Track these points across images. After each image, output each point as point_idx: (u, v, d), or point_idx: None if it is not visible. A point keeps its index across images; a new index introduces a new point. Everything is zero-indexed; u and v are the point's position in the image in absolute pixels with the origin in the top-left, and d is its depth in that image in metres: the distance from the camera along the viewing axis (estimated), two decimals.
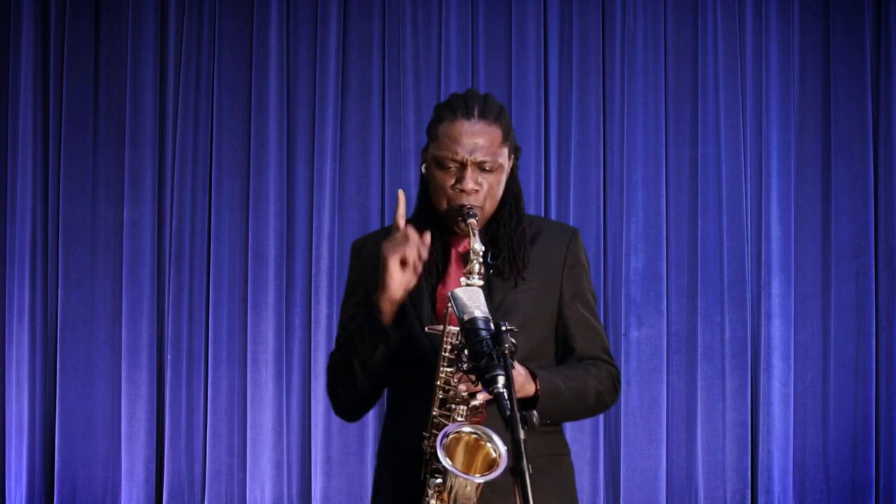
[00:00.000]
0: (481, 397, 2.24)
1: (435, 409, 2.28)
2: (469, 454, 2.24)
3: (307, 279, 5.11)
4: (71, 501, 5.08)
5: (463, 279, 2.28)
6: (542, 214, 4.96)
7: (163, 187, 5.17)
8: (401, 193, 2.36)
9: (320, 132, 5.13)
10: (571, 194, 5.06)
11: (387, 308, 2.32)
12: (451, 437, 2.20)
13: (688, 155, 5.08)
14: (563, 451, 2.51)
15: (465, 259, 2.38)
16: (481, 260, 2.29)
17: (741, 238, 5.01)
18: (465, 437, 2.23)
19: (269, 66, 5.14)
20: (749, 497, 4.97)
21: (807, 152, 5.09)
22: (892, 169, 5.05)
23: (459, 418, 2.27)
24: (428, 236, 2.31)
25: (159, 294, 5.14)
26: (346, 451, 5.04)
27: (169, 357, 5.09)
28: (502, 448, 2.19)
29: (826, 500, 5.00)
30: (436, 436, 2.22)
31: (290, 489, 5.07)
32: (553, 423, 2.47)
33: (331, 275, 5.08)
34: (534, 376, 2.32)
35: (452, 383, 2.26)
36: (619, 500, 4.99)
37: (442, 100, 5.15)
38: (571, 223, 5.02)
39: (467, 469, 2.22)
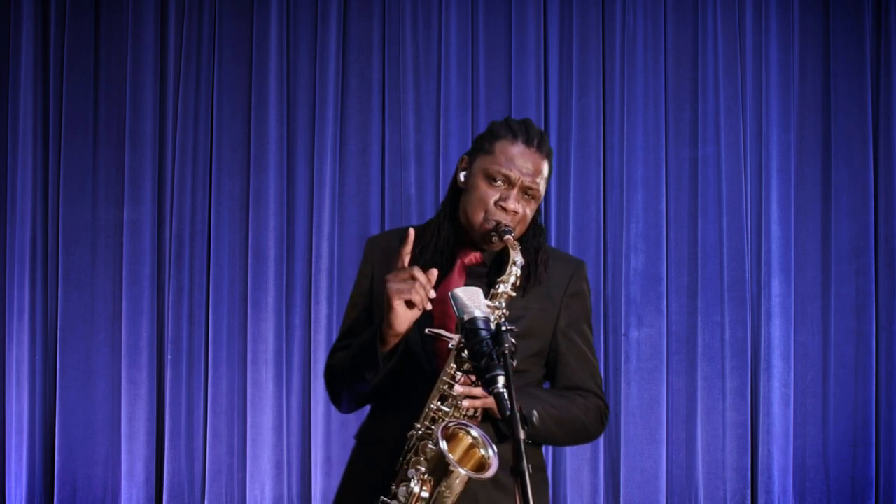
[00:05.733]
0: (467, 403, 2.31)
1: (435, 402, 2.33)
2: (461, 453, 2.26)
3: (307, 279, 5.10)
4: (71, 501, 5.08)
5: (500, 286, 2.37)
6: (542, 215, 4.95)
7: (163, 187, 5.16)
8: (411, 232, 2.40)
9: (320, 132, 5.13)
10: (571, 194, 5.06)
11: (391, 340, 2.36)
12: (452, 428, 2.24)
13: (688, 155, 5.08)
14: (540, 466, 2.56)
15: (468, 270, 2.48)
16: (518, 273, 2.39)
17: (741, 238, 5.01)
18: (462, 437, 2.25)
19: (269, 66, 5.13)
20: (749, 497, 4.97)
21: (807, 152, 5.09)
22: (892, 169, 5.05)
23: (456, 414, 2.31)
24: (434, 273, 2.34)
25: (159, 294, 5.14)
26: (346, 451, 4.97)
27: (169, 357, 5.09)
28: (493, 458, 2.23)
29: (826, 500, 5.00)
30: (428, 427, 2.29)
31: (290, 489, 5.06)
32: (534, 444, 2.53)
33: (331, 275, 5.07)
34: None
35: (457, 379, 2.31)
36: (619, 500, 4.99)
37: (442, 100, 5.19)
38: (571, 223, 5.02)
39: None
